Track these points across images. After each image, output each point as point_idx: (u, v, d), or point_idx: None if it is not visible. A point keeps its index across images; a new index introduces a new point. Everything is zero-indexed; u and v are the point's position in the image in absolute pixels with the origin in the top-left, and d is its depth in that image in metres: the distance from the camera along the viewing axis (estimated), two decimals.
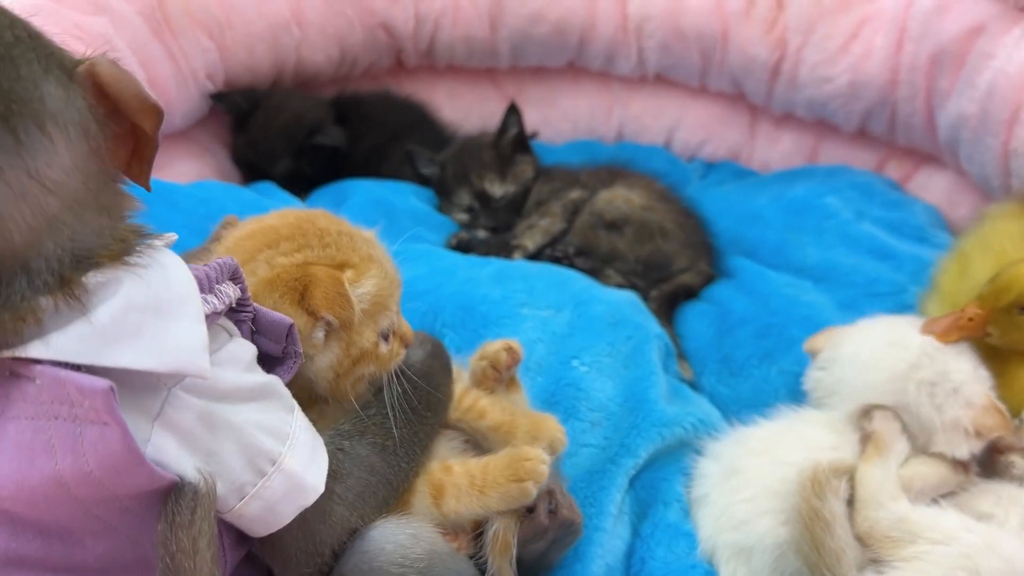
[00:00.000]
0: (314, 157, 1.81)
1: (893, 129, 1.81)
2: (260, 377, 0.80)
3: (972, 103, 1.57)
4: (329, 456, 0.85)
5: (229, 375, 0.76)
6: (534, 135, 2.11)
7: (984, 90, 1.54)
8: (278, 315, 0.84)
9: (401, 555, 0.88)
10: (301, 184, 1.76)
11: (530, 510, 1.01)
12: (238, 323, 0.83)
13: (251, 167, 1.78)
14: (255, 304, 0.84)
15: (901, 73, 1.72)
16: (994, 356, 1.22)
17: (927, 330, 1.21)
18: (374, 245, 0.99)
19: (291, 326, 0.84)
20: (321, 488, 0.81)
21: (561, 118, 2.13)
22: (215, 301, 0.76)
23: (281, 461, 0.78)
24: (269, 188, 1.66)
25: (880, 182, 1.81)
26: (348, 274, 0.90)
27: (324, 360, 0.92)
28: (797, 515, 1.07)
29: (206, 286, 0.76)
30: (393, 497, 0.92)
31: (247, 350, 0.81)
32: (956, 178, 1.77)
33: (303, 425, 0.82)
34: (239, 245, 0.94)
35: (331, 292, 0.88)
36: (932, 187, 1.82)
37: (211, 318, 0.75)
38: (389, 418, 0.93)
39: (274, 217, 0.97)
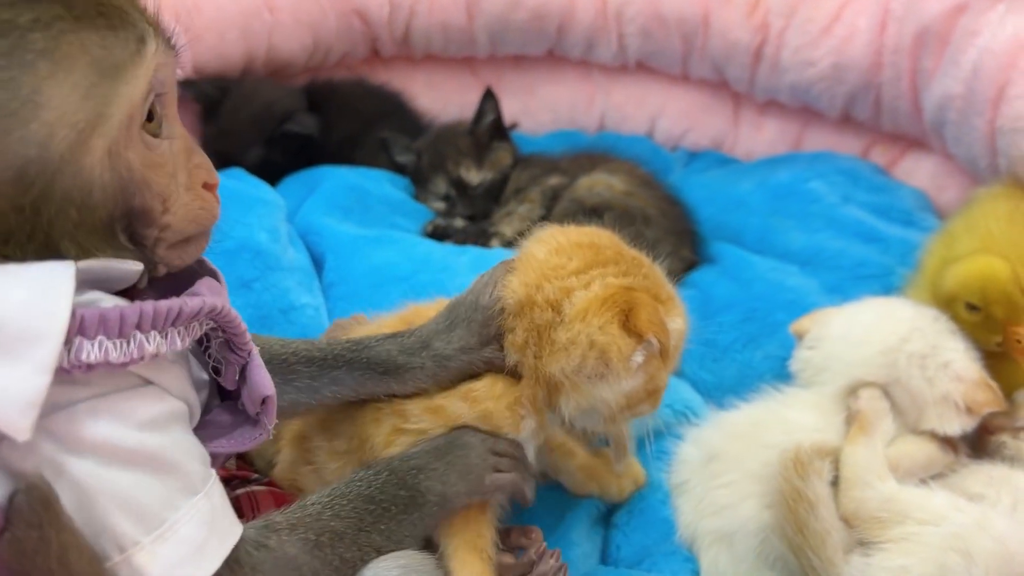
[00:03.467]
0: (286, 146, 1.77)
1: (878, 113, 1.78)
2: (157, 439, 0.67)
3: (957, 83, 1.54)
4: (245, 555, 0.74)
5: (103, 428, 0.63)
6: (514, 126, 2.08)
7: (969, 69, 1.51)
8: (265, 378, 0.77)
9: None
10: (273, 173, 1.72)
11: None
12: (228, 363, 0.75)
13: (221, 156, 1.72)
14: (253, 351, 0.77)
15: (885, 55, 1.69)
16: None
17: None
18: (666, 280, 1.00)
19: (268, 397, 0.78)
20: None
21: (542, 108, 2.10)
22: (113, 349, 0.63)
23: (132, 554, 0.64)
24: (238, 173, 1.62)
25: (866, 167, 1.78)
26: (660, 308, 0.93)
27: (626, 386, 0.92)
28: (780, 497, 1.03)
29: (114, 329, 0.63)
30: None
31: (155, 407, 0.68)
32: (943, 162, 1.74)
33: (199, 516, 0.68)
34: (568, 250, 0.96)
35: (655, 316, 0.90)
36: (918, 172, 1.78)
37: (111, 366, 0.63)
38: (331, 510, 0.84)
39: (583, 235, 1.00)
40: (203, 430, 0.77)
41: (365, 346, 0.97)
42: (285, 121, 1.76)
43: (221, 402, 0.81)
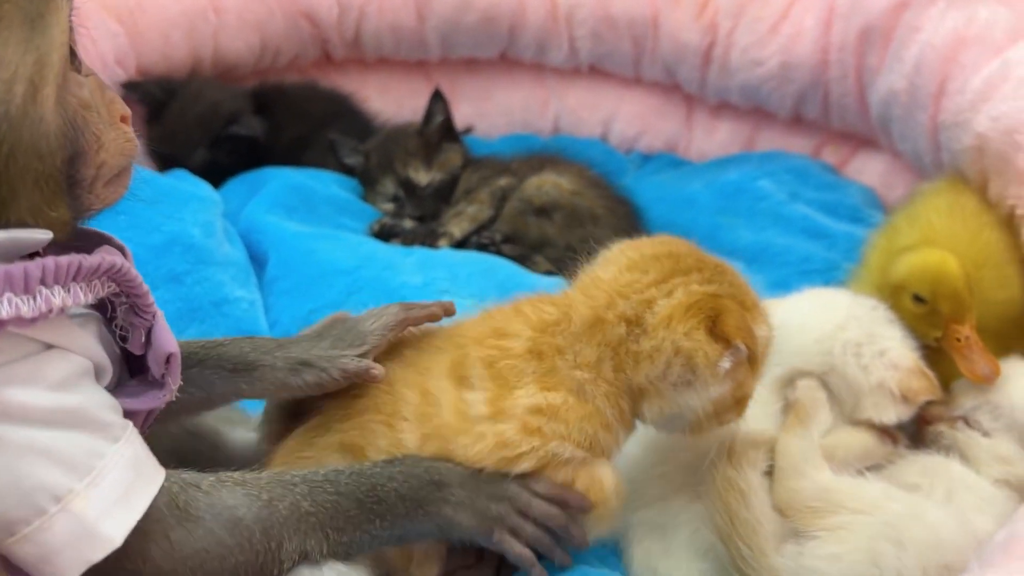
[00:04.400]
0: (231, 148, 1.75)
1: (827, 112, 1.78)
2: (72, 398, 0.69)
3: (901, 78, 1.54)
4: (177, 492, 0.74)
5: (17, 393, 0.66)
6: (469, 130, 2.07)
7: (912, 64, 1.51)
8: (168, 337, 0.77)
9: None
10: (219, 175, 1.70)
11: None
12: (134, 327, 0.76)
13: (166, 159, 1.72)
14: (158, 314, 0.77)
15: (831, 52, 1.70)
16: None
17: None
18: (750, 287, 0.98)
19: (172, 355, 0.77)
20: (118, 542, 0.68)
21: (496, 112, 2.09)
22: (22, 304, 0.64)
23: (68, 501, 0.67)
24: (180, 173, 1.61)
25: (815, 165, 1.79)
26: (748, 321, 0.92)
27: (713, 393, 0.90)
28: (712, 487, 1.02)
29: (19, 284, 0.64)
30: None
31: (62, 367, 0.70)
32: (892, 160, 1.74)
33: (124, 461, 0.70)
34: (642, 264, 0.94)
35: (742, 322, 0.89)
36: (868, 170, 1.79)
37: (22, 322, 0.65)
38: (309, 487, 0.81)
39: (663, 244, 0.99)
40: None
41: (219, 344, 0.94)
42: (230, 123, 1.74)
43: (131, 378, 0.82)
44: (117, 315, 0.75)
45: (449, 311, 1.00)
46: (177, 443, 0.98)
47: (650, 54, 1.91)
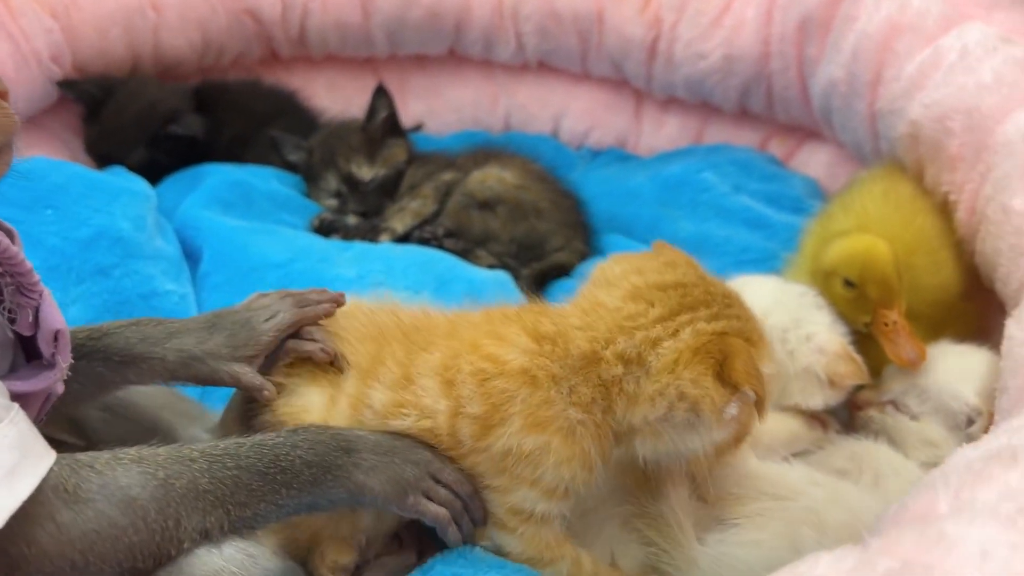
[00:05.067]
0: (171, 147, 1.73)
1: (771, 104, 1.79)
2: None
3: (839, 68, 1.54)
4: (68, 474, 0.72)
5: None
6: (419, 127, 2.07)
7: (849, 54, 1.52)
8: (56, 314, 0.77)
9: None
10: (158, 174, 1.68)
11: None
12: (21, 307, 0.75)
13: (104, 158, 1.70)
14: (44, 293, 0.76)
15: (772, 44, 1.70)
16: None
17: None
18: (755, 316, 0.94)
19: (59, 331, 0.76)
20: None
21: (446, 109, 2.08)
22: None
23: None
24: (116, 169, 1.59)
25: (759, 158, 1.79)
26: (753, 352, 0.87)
27: (717, 436, 0.87)
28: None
29: None
30: (149, 559, 0.75)
31: None
32: (836, 151, 1.75)
33: (7, 441, 0.69)
34: (647, 295, 0.89)
35: (751, 366, 0.84)
36: (814, 162, 1.80)
37: None
38: (208, 462, 0.79)
39: (669, 270, 0.93)
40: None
41: (104, 333, 0.92)
42: (169, 122, 1.72)
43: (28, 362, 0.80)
44: (4, 297, 0.75)
45: (340, 302, 0.98)
46: (131, 438, 0.94)
47: (596, 49, 1.91)
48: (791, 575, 0.57)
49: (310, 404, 0.93)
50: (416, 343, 0.93)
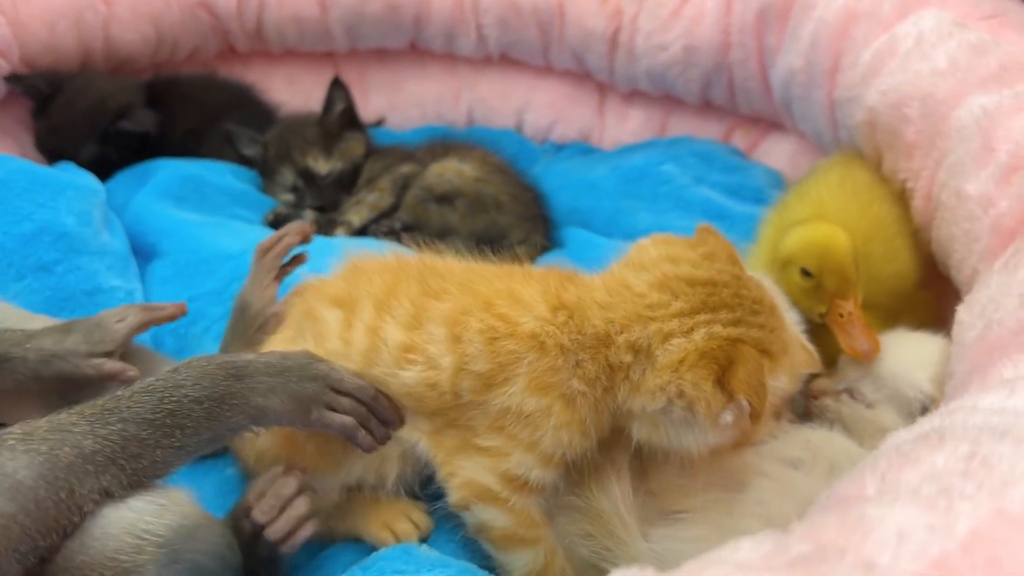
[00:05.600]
0: (122, 143, 1.70)
1: (733, 96, 1.77)
2: None
3: (799, 57, 1.53)
4: None
5: None
6: (380, 122, 2.04)
7: (808, 42, 1.50)
8: None
9: (141, 528, 0.77)
10: (110, 169, 1.65)
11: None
12: None
13: (54, 153, 1.66)
14: None
15: (732, 34, 1.69)
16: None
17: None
18: (787, 326, 0.93)
19: None
20: None
21: (408, 103, 2.06)
22: None
23: None
24: (65, 165, 1.56)
25: (721, 149, 1.77)
26: (766, 364, 0.86)
27: (712, 439, 0.86)
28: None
29: None
30: (50, 535, 0.73)
31: None
32: (798, 141, 1.74)
33: None
34: (675, 287, 0.88)
35: (754, 377, 0.83)
36: (776, 153, 1.79)
37: None
38: (89, 424, 0.78)
39: (706, 263, 0.91)
40: None
41: None
42: (120, 117, 1.69)
43: None
44: None
45: (183, 311, 1.06)
46: None
47: (558, 42, 1.89)
48: (713, 560, 0.55)
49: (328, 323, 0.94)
50: (431, 287, 0.94)
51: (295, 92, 2.00)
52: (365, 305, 0.94)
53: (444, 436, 0.92)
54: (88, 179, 1.46)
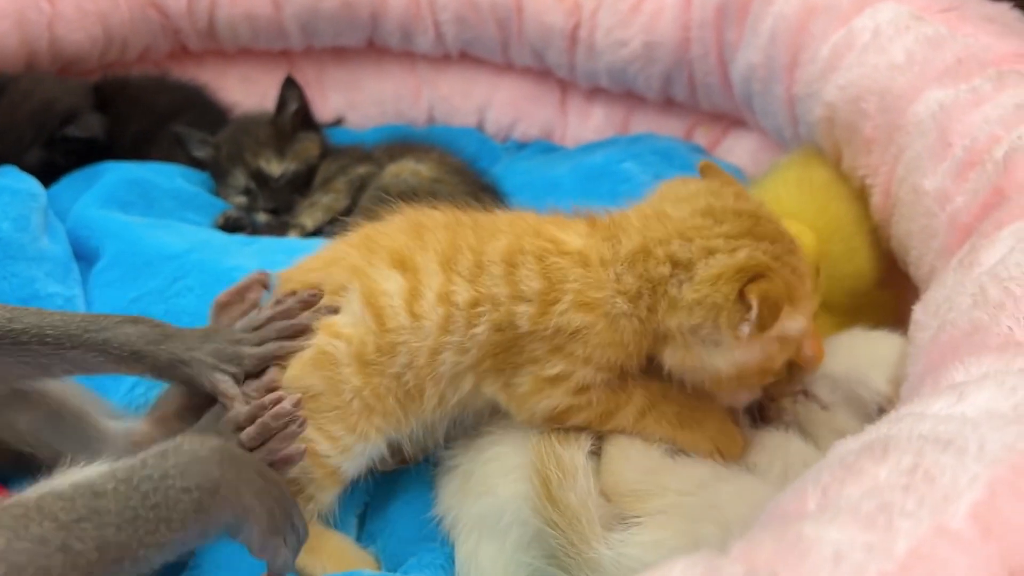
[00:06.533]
0: (68, 148, 1.65)
1: (694, 92, 1.75)
2: None
3: (758, 52, 1.51)
4: None
5: None
6: (339, 121, 2.01)
7: (766, 37, 1.48)
8: None
9: None
10: (57, 174, 1.60)
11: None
12: None
13: None
14: None
15: (692, 30, 1.66)
16: None
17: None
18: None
19: None
20: None
21: (367, 102, 2.02)
22: None
23: None
24: (5, 169, 1.51)
25: (682, 146, 1.75)
26: (788, 309, 0.88)
27: (738, 357, 0.90)
28: (534, 468, 0.96)
29: None
30: None
31: None
32: (760, 138, 1.72)
33: None
34: (720, 214, 0.92)
35: (772, 291, 0.86)
36: (739, 150, 1.76)
37: None
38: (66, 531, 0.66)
39: (745, 202, 0.96)
40: None
41: (102, 327, 0.94)
42: (66, 123, 1.63)
43: None
44: None
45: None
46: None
47: (517, 38, 1.86)
48: None
49: (390, 288, 0.95)
50: (486, 230, 0.99)
51: (250, 92, 1.96)
52: (431, 267, 0.95)
53: (515, 385, 0.95)
54: (27, 183, 1.42)
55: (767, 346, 0.91)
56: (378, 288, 0.96)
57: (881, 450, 0.54)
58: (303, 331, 0.99)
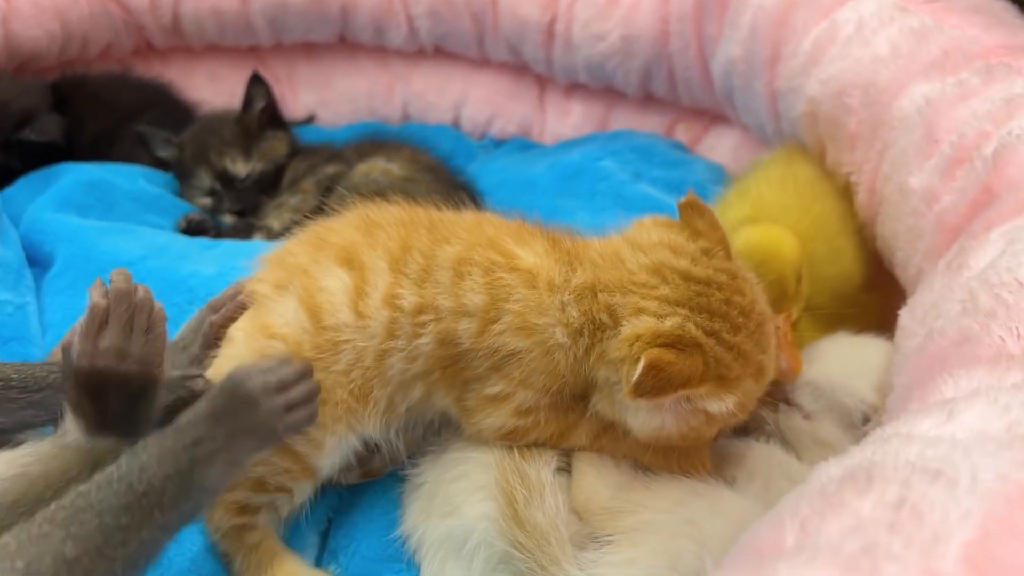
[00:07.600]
0: (25, 151, 1.58)
1: (674, 87, 1.71)
2: None
3: (738, 46, 1.46)
4: None
5: None
6: (310, 119, 1.95)
7: (747, 30, 1.44)
8: None
9: None
10: (12, 176, 1.54)
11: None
12: None
13: None
14: None
15: (671, 23, 1.62)
16: None
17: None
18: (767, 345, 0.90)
19: None
20: None
21: (339, 99, 1.97)
22: None
23: None
24: None
25: (662, 143, 1.71)
26: (703, 389, 0.84)
27: (646, 419, 0.87)
28: (499, 488, 0.91)
29: None
30: None
31: None
32: (742, 134, 1.68)
33: None
34: (668, 276, 0.87)
35: (661, 366, 0.81)
36: (720, 146, 1.72)
37: None
38: (65, 528, 0.70)
39: (704, 260, 0.90)
40: None
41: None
42: (22, 125, 1.57)
43: None
44: None
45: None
46: None
47: (492, 32, 1.81)
48: None
49: (332, 285, 0.92)
50: (441, 233, 0.94)
51: (219, 90, 1.90)
52: (379, 266, 0.91)
53: (464, 400, 0.92)
54: None
55: (687, 417, 0.86)
56: (316, 286, 0.92)
57: (865, 479, 0.49)
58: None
